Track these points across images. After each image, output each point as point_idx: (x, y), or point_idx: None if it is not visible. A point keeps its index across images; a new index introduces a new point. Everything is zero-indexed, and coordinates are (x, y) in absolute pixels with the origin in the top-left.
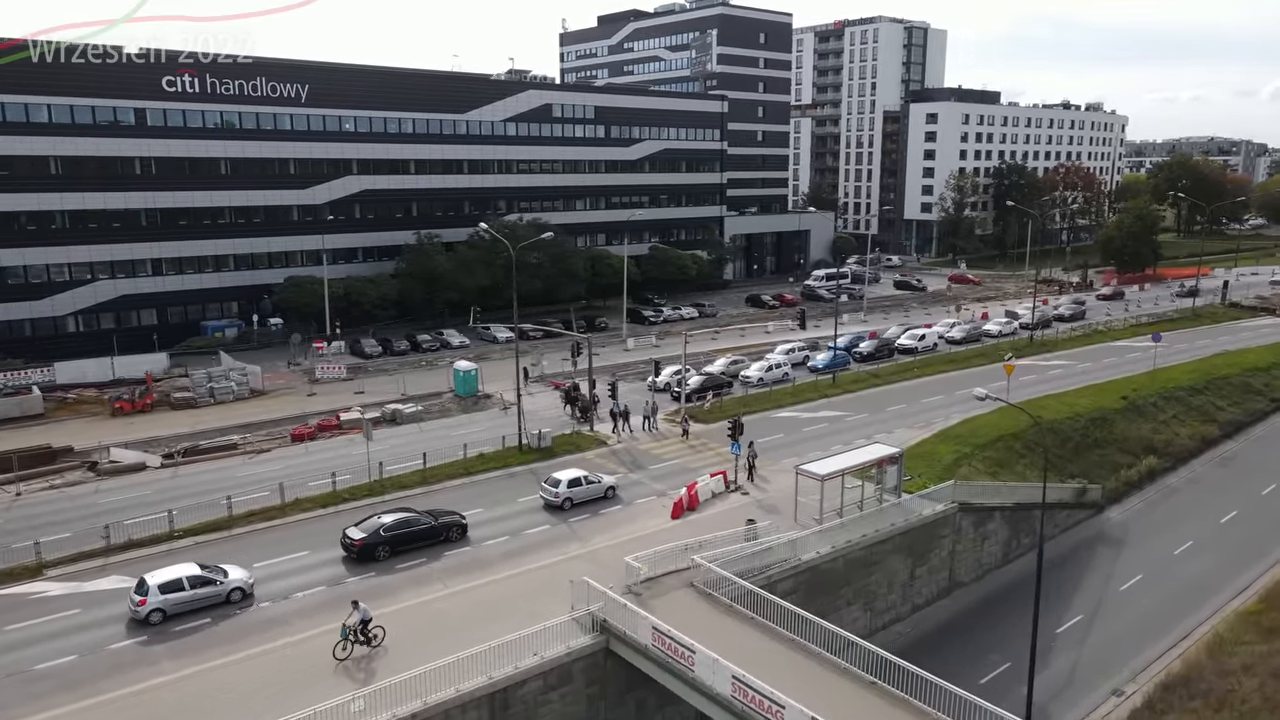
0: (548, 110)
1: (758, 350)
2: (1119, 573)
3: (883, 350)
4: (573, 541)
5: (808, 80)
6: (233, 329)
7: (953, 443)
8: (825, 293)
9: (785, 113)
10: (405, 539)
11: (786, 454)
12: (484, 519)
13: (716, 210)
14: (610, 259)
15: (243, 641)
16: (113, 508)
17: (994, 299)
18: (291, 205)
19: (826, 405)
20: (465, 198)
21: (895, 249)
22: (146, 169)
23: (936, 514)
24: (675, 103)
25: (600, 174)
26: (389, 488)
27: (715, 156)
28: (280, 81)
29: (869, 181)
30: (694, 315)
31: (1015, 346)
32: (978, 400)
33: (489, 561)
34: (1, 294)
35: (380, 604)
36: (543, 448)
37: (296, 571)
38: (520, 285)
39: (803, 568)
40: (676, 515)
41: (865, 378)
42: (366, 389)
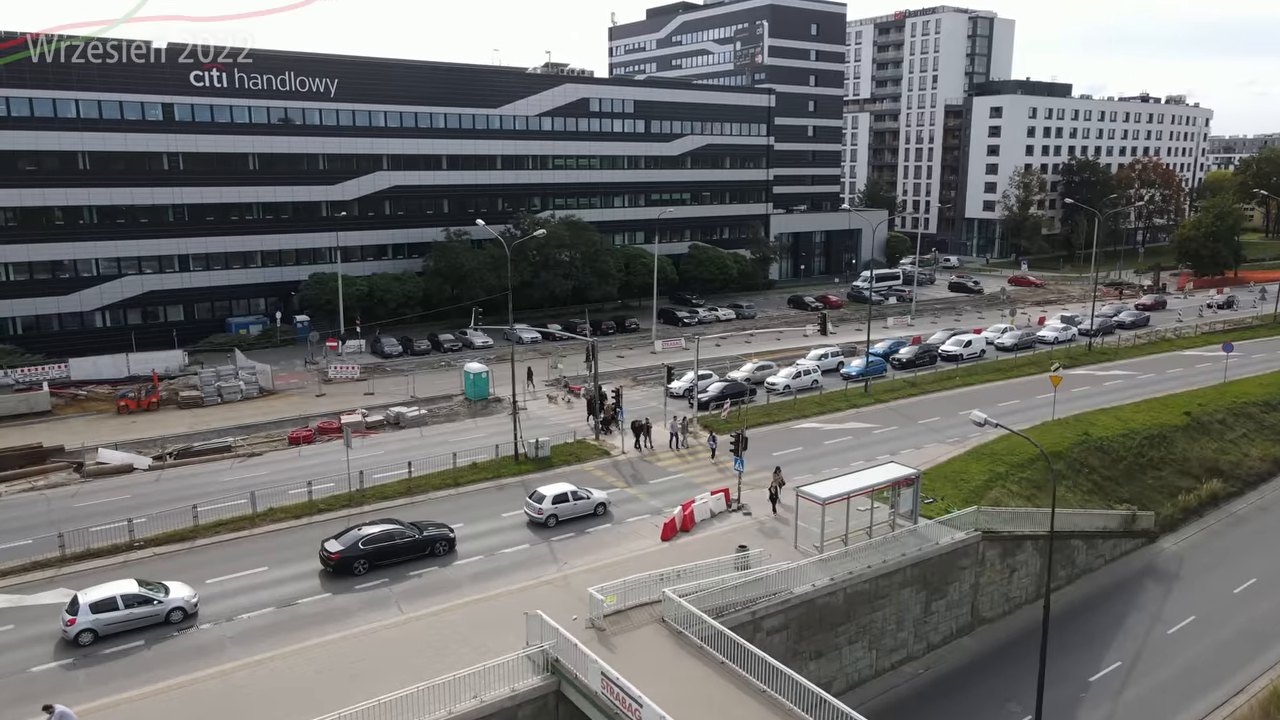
0: (585, 104)
1: (792, 355)
2: (1168, 613)
3: (924, 357)
4: (550, 564)
5: (866, 74)
6: (257, 326)
7: (987, 461)
8: (874, 294)
9: (838, 107)
10: (386, 553)
11: (801, 469)
12: (463, 535)
13: (762, 208)
14: (645, 258)
15: (168, 669)
16: (86, 512)
17: (1055, 302)
18: (320, 201)
19: (854, 416)
20: (498, 194)
21: (955, 249)
22: (174, 164)
23: (956, 543)
24: (719, 96)
25: (639, 170)
26: (370, 498)
27: (761, 152)
28: (309, 76)
29: (929, 179)
30: (730, 317)
31: (1071, 354)
32: (976, 425)
33: (456, 584)
34: (30, 289)
35: (325, 630)
36: (540, 458)
37: (250, 589)
38: (550, 284)
39: (794, 602)
40: (667, 537)
41: (901, 386)
42: (377, 390)
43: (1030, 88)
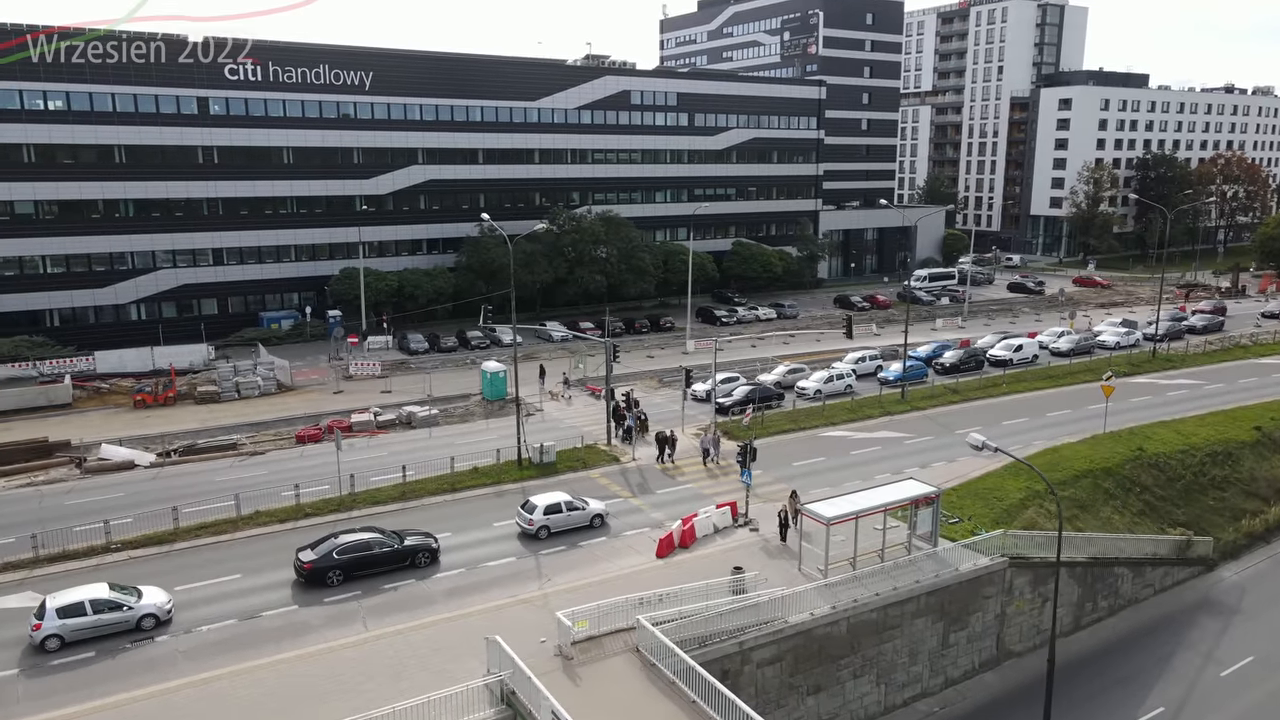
0: (625, 97)
1: (831, 358)
2: (1223, 652)
3: (969, 361)
4: (533, 580)
5: (928, 65)
6: (288, 321)
7: (1025, 477)
8: (925, 294)
9: (894, 99)
10: (362, 563)
11: (820, 482)
12: (450, 545)
13: (810, 204)
14: (684, 254)
15: (110, 685)
16: (76, 510)
17: (1122, 305)
18: (354, 195)
19: (887, 424)
20: (535, 189)
21: (1019, 247)
22: (209, 158)
23: (978, 569)
24: (767, 88)
25: (682, 164)
26: (361, 502)
27: (811, 146)
28: (344, 69)
29: (992, 174)
30: (771, 316)
31: (1133, 361)
32: (974, 450)
33: (429, 599)
34: (67, 281)
35: (283, 647)
36: (545, 463)
37: (218, 599)
38: (585, 281)
39: (789, 631)
40: (663, 554)
41: (941, 393)
42: (395, 388)
43: (1103, 78)
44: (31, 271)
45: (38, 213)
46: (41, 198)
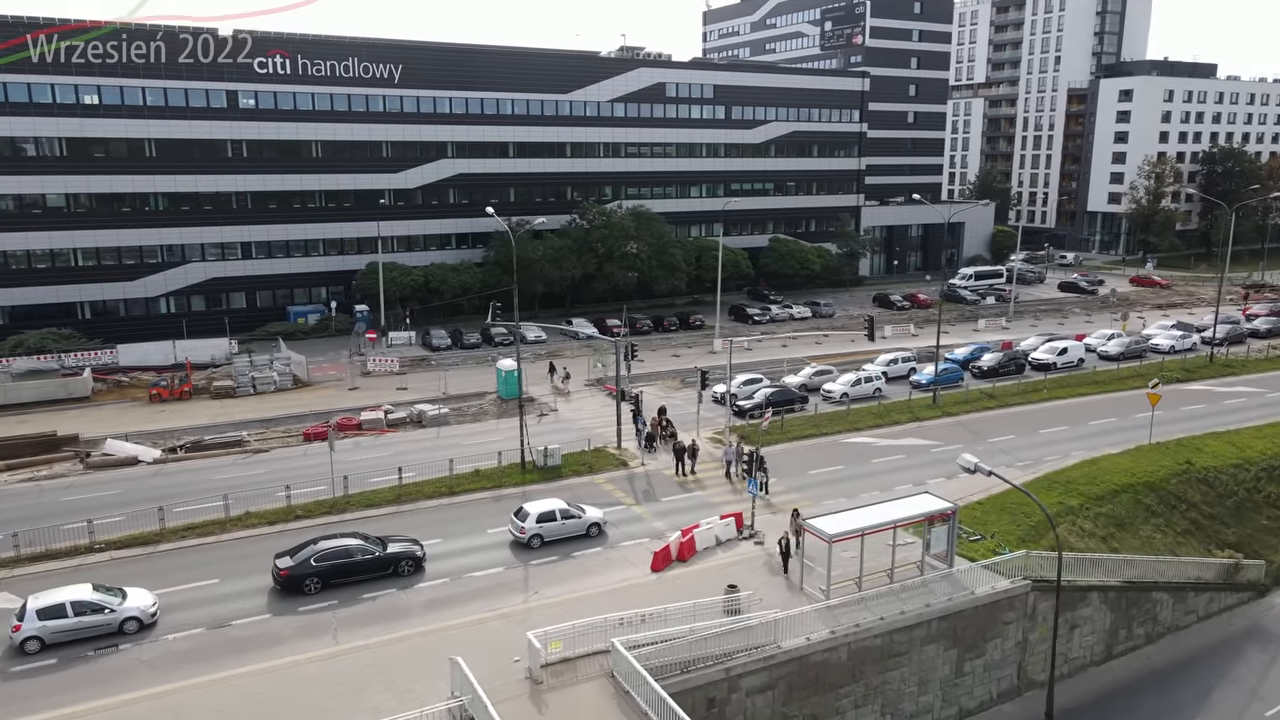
0: (660, 90)
1: (866, 358)
2: (1271, 688)
3: (1009, 365)
4: (518, 593)
5: (981, 56)
6: (315, 315)
7: (1058, 491)
8: (969, 294)
9: (942, 91)
10: (341, 571)
11: (835, 492)
12: (437, 552)
13: (852, 199)
14: (717, 250)
15: (86, 691)
16: (72, 507)
17: (1181, 306)
18: (383, 189)
19: (914, 431)
20: (567, 183)
21: (1074, 245)
22: (238, 152)
23: (997, 593)
24: (807, 80)
25: (718, 159)
26: (355, 505)
27: (853, 140)
28: (373, 62)
29: (1047, 169)
30: (806, 315)
31: (1188, 366)
32: (966, 472)
33: (407, 611)
34: (98, 274)
35: (247, 659)
36: (549, 467)
37: (192, 604)
38: (614, 277)
39: (782, 658)
40: (657, 567)
41: (976, 398)
42: (412, 385)
43: (1167, 68)
44: (64, 264)
45: (69, 206)
46: (73, 191)
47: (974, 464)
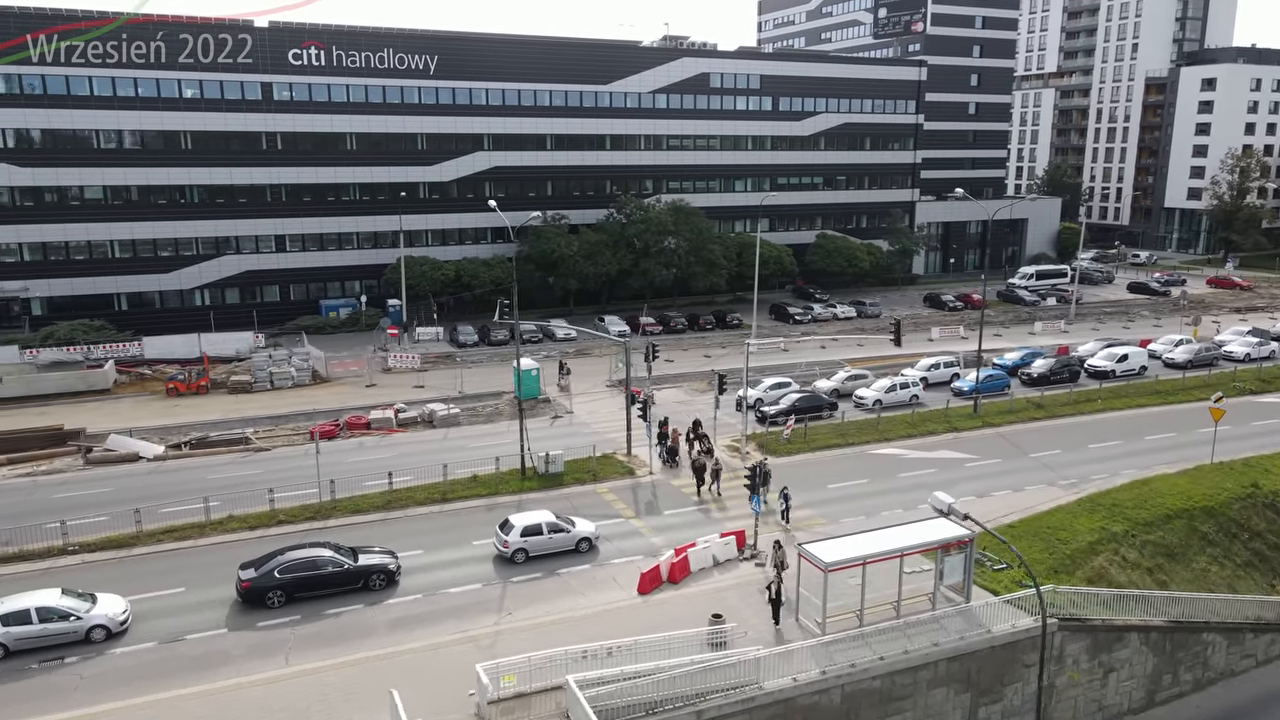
0: (704, 80)
1: (907, 362)
2: None
3: (1062, 372)
4: (492, 613)
5: (1053, 44)
6: (347, 309)
7: (1102, 515)
8: (1028, 294)
9: (1006, 81)
10: (307, 584)
11: (854, 509)
12: (416, 565)
13: (906, 194)
14: (760, 247)
15: (25, 706)
16: (60, 505)
17: (1263, 309)
18: (418, 182)
19: (950, 443)
20: (606, 176)
21: (1150, 243)
22: (272, 144)
23: (1017, 632)
24: (860, 70)
25: (764, 151)
26: (342, 510)
27: (908, 132)
28: (408, 53)
29: (1122, 162)
30: (850, 315)
31: (1263, 377)
32: (937, 512)
33: (370, 630)
34: (134, 266)
35: (189, 680)
36: (550, 474)
37: (150, 615)
38: (651, 273)
39: (764, 700)
40: (645, 589)
41: (1022, 407)
42: (431, 383)
43: (1255, 55)
44: (101, 256)
45: (107, 198)
46: (111, 183)
47: (947, 505)
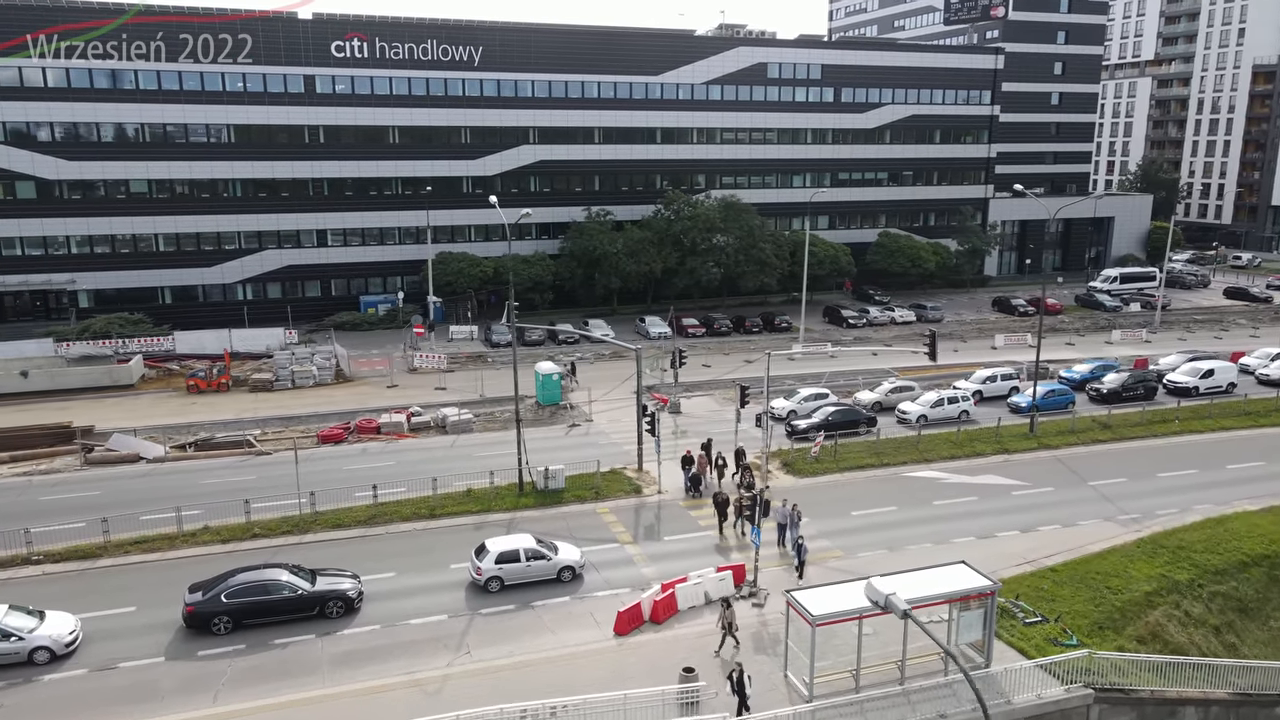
0: (761, 70)
1: (964, 372)
2: None
3: (1137, 388)
4: (448, 651)
5: (1150, 30)
6: (385, 305)
7: (1165, 559)
8: (1109, 299)
9: (1094, 69)
10: (256, 610)
11: (877, 541)
12: (383, 590)
13: (979, 190)
14: (815, 245)
15: None
16: (44, 509)
17: None
18: (461, 176)
19: (998, 466)
20: (656, 170)
21: (1255, 244)
22: (314, 138)
23: (1044, 703)
24: (930, 58)
25: (825, 145)
26: (322, 524)
27: (982, 124)
28: (452, 44)
29: (1224, 157)
30: (910, 319)
31: None
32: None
33: (313, 666)
34: (178, 259)
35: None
36: (549, 490)
37: (94, 637)
38: (698, 272)
39: None
40: (622, 630)
41: (1086, 427)
42: (454, 385)
43: None
44: (146, 249)
45: (151, 191)
46: (155, 176)
47: (884, 599)
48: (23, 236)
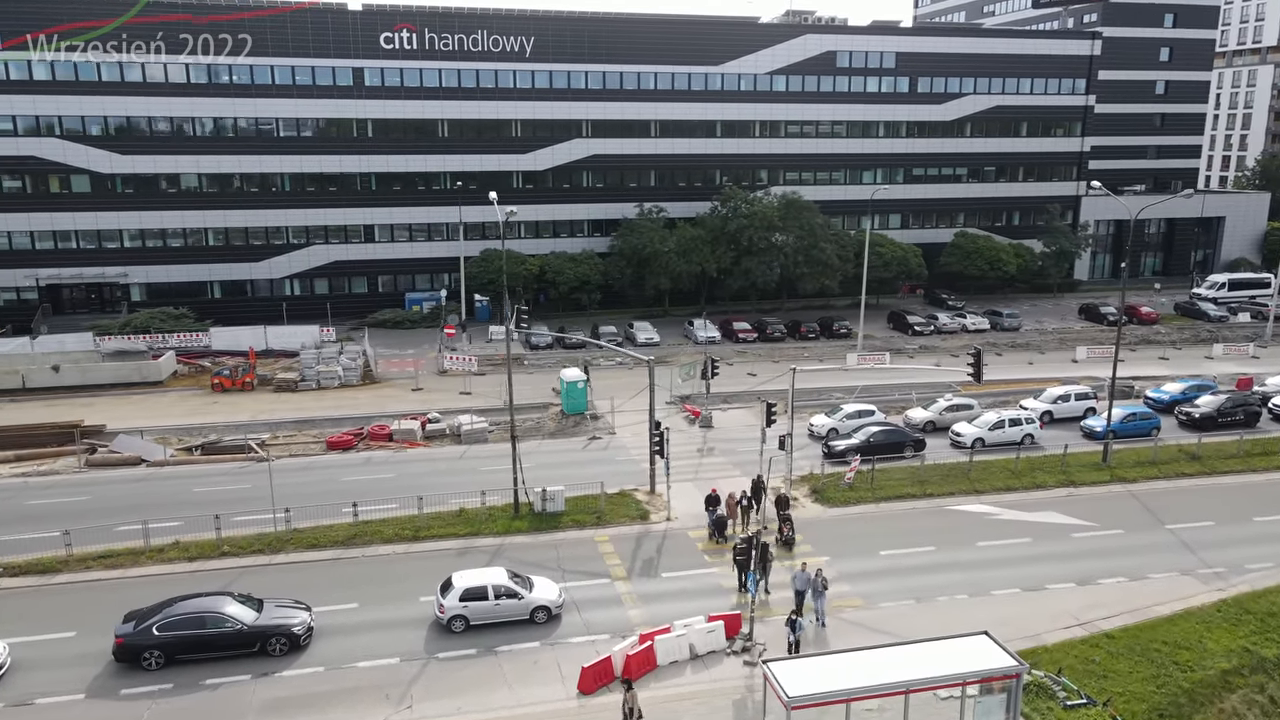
0: (830, 59)
1: (1039, 387)
2: None
3: (1235, 412)
4: (385, 706)
5: (1273, 13)
6: (430, 303)
7: (1252, 628)
8: (1214, 308)
9: (1206, 55)
10: (190, 645)
11: (902, 590)
12: (340, 623)
13: (1070, 187)
14: (883, 246)
15: None
16: (29, 514)
17: None
18: (511, 171)
19: (1060, 502)
20: (716, 165)
21: None
22: (362, 131)
23: None
24: (1016, 44)
25: (899, 139)
26: (297, 543)
27: (1075, 115)
28: (503, 34)
29: None
30: (983, 327)
31: None
32: None
33: (237, 714)
34: (226, 254)
35: None
36: (547, 513)
37: (20, 666)
38: (753, 273)
39: None
40: (588, 688)
41: (1171, 458)
42: (480, 389)
43: None
44: (196, 244)
45: (201, 185)
46: (205, 170)
47: None
48: (78, 230)
